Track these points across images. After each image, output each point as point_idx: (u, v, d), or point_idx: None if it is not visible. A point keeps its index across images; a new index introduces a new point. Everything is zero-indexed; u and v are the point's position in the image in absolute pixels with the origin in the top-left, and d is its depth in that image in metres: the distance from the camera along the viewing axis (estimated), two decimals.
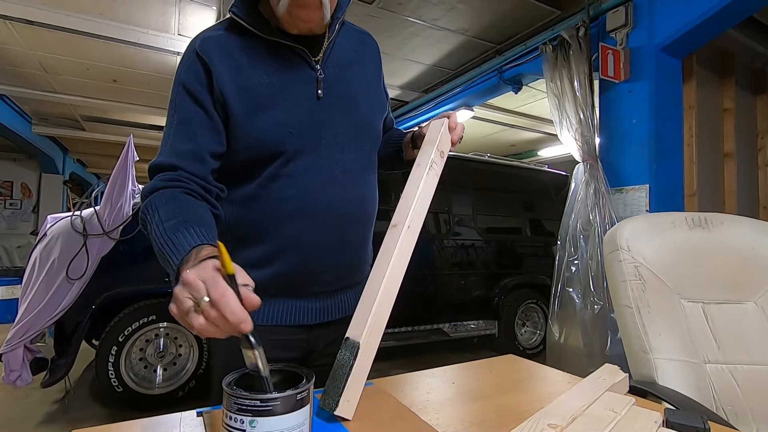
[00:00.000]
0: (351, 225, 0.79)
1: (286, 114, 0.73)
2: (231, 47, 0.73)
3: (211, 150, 0.72)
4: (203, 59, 0.71)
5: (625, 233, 0.95)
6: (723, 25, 2.64)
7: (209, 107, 0.71)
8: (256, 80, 0.72)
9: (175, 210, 0.63)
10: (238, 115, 0.71)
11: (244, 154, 0.74)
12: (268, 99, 0.72)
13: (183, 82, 0.72)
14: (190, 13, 3.39)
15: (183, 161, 0.70)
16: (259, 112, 0.72)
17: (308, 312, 0.80)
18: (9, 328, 2.11)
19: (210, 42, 0.73)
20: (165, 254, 0.57)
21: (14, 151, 7.52)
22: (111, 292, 2.28)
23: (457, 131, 0.81)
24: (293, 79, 0.75)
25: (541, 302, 3.82)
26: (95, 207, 2.30)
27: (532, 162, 6.51)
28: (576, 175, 2.88)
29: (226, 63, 0.71)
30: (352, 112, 0.80)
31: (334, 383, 0.60)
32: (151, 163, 0.72)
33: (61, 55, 4.15)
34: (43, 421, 2.26)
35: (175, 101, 0.72)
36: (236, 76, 0.71)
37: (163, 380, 2.42)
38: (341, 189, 0.77)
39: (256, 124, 0.72)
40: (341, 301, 0.83)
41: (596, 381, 0.72)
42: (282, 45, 0.74)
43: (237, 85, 0.71)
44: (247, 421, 0.41)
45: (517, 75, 3.82)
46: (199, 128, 0.71)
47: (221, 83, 0.70)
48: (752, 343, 0.91)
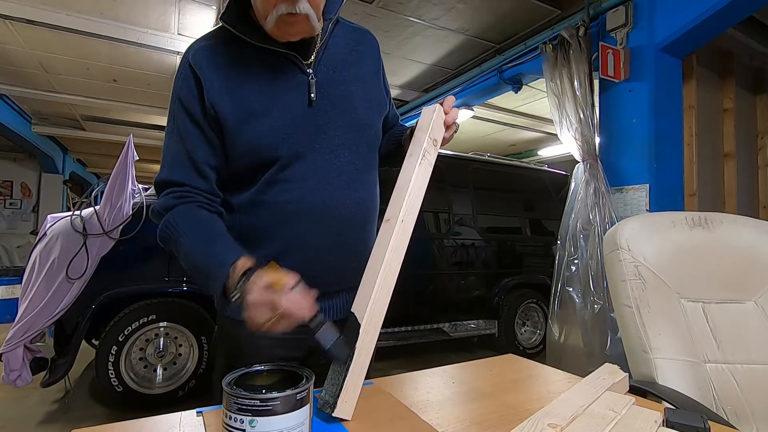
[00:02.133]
0: (350, 227, 0.79)
1: (278, 120, 0.74)
2: (219, 59, 0.74)
3: (210, 163, 0.75)
4: (195, 72, 0.73)
5: (625, 233, 0.95)
6: (723, 25, 2.64)
7: (202, 121, 0.73)
8: (246, 90, 0.73)
9: (197, 227, 0.71)
10: (230, 125, 0.73)
11: (240, 161, 0.75)
12: (260, 107, 0.73)
13: (179, 96, 0.75)
14: (190, 13, 3.39)
15: (187, 177, 0.74)
16: (251, 121, 0.73)
17: None
18: (9, 328, 2.11)
19: (201, 53, 0.74)
20: (202, 272, 0.67)
21: (14, 150, 7.52)
22: (111, 291, 2.28)
23: (451, 115, 0.80)
24: (284, 86, 0.76)
25: (541, 302, 3.82)
26: (95, 207, 2.30)
27: (532, 162, 6.52)
28: (576, 174, 2.88)
29: (215, 75, 0.73)
30: (347, 113, 0.80)
31: (332, 384, 0.60)
32: (157, 178, 0.76)
33: (61, 54, 4.15)
34: (43, 420, 2.26)
35: (174, 114, 0.75)
36: (226, 87, 0.73)
37: (163, 380, 2.42)
38: (339, 192, 0.77)
39: (248, 133, 0.73)
40: (343, 301, 0.83)
41: (596, 380, 0.72)
42: (272, 51, 0.75)
43: (227, 96, 0.72)
44: (246, 420, 0.41)
45: (517, 74, 3.82)
46: (197, 142, 0.74)
47: (211, 96, 0.72)
48: (752, 343, 0.91)
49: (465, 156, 3.83)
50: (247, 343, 0.78)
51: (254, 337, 0.77)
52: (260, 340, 0.77)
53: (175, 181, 0.73)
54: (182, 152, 0.74)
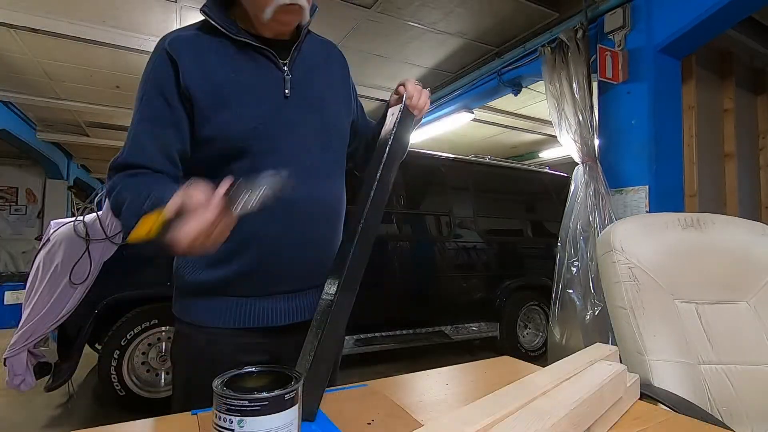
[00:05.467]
0: (315, 222, 0.79)
1: (251, 110, 0.74)
2: (201, 46, 0.75)
3: (177, 148, 0.74)
4: (171, 56, 0.73)
5: (618, 234, 0.96)
6: (722, 26, 2.64)
7: (176, 102, 0.72)
8: (223, 77, 0.74)
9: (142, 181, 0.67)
10: (203, 108, 0.72)
11: (208, 148, 0.75)
12: (234, 95, 0.74)
13: (152, 77, 0.74)
14: (191, 20, 3.42)
15: (150, 160, 0.71)
16: (224, 107, 0.73)
17: (273, 313, 0.79)
18: (13, 333, 2.13)
19: (179, 41, 0.75)
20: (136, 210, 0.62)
21: (19, 157, 7.57)
22: (113, 296, 2.30)
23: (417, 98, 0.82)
24: (260, 78, 0.77)
25: (543, 304, 3.80)
26: (98, 212, 2.32)
27: (533, 164, 6.52)
28: (575, 176, 2.88)
29: (193, 60, 0.73)
30: (320, 113, 0.82)
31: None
32: (114, 161, 0.72)
33: (64, 62, 4.20)
34: (46, 424, 2.27)
35: (143, 97, 0.74)
36: (203, 72, 0.73)
37: (166, 384, 2.43)
38: (306, 187, 0.77)
39: (220, 117, 0.73)
40: (308, 302, 0.81)
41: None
42: (251, 46, 0.76)
43: (203, 80, 0.73)
44: (235, 420, 0.42)
45: (516, 77, 3.83)
46: (165, 125, 0.72)
47: (187, 78, 0.72)
48: (745, 344, 0.91)
49: (466, 159, 3.84)
50: (209, 349, 0.77)
51: (217, 343, 0.76)
52: (221, 346, 0.76)
53: (135, 163, 0.71)
54: (149, 135, 0.72)
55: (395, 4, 3.20)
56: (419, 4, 3.22)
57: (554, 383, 0.54)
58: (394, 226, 3.24)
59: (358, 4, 3.15)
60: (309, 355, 0.61)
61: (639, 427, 0.60)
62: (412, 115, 0.82)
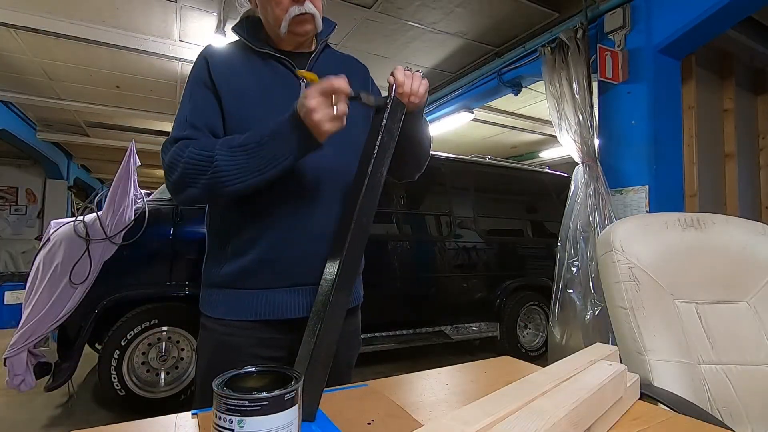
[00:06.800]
0: (331, 217, 0.84)
1: (270, 109, 0.82)
2: (230, 55, 0.89)
3: (218, 126, 0.84)
4: (207, 61, 0.86)
5: (618, 234, 0.96)
6: (721, 26, 2.65)
7: (212, 87, 0.85)
8: (246, 80, 0.86)
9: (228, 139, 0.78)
10: (228, 105, 0.84)
11: None
12: (255, 95, 0.85)
13: (194, 76, 0.87)
14: (191, 20, 3.43)
15: (200, 134, 0.80)
16: (246, 105, 0.84)
17: (290, 306, 0.83)
18: (13, 333, 2.13)
19: (214, 50, 0.89)
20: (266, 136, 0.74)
21: (19, 157, 7.58)
22: (113, 296, 2.30)
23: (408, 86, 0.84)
24: (279, 83, 0.88)
25: (543, 304, 3.80)
26: (98, 212, 2.32)
27: (533, 164, 6.52)
28: (575, 176, 2.88)
29: (222, 63, 0.87)
30: None
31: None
32: (166, 142, 0.81)
33: (64, 62, 4.20)
34: (46, 425, 2.27)
35: (189, 91, 0.86)
36: (230, 76, 0.85)
37: (166, 384, 2.43)
38: (318, 186, 0.84)
39: (242, 113, 0.83)
40: (309, 299, 0.84)
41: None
42: (272, 56, 0.88)
43: (230, 82, 0.85)
44: (235, 420, 0.42)
45: (516, 77, 3.83)
46: (210, 111, 0.83)
47: (216, 76, 0.84)
48: (745, 343, 0.91)
49: (466, 159, 3.84)
50: (228, 342, 0.82)
51: (235, 336, 0.82)
52: (239, 339, 0.82)
53: (186, 136, 0.79)
54: (197, 114, 0.82)
55: (395, 4, 3.21)
56: (419, 4, 3.22)
57: (554, 383, 0.54)
58: (394, 226, 3.24)
59: (358, 4, 3.16)
60: (307, 355, 0.61)
61: (639, 427, 0.60)
62: (403, 104, 0.82)
